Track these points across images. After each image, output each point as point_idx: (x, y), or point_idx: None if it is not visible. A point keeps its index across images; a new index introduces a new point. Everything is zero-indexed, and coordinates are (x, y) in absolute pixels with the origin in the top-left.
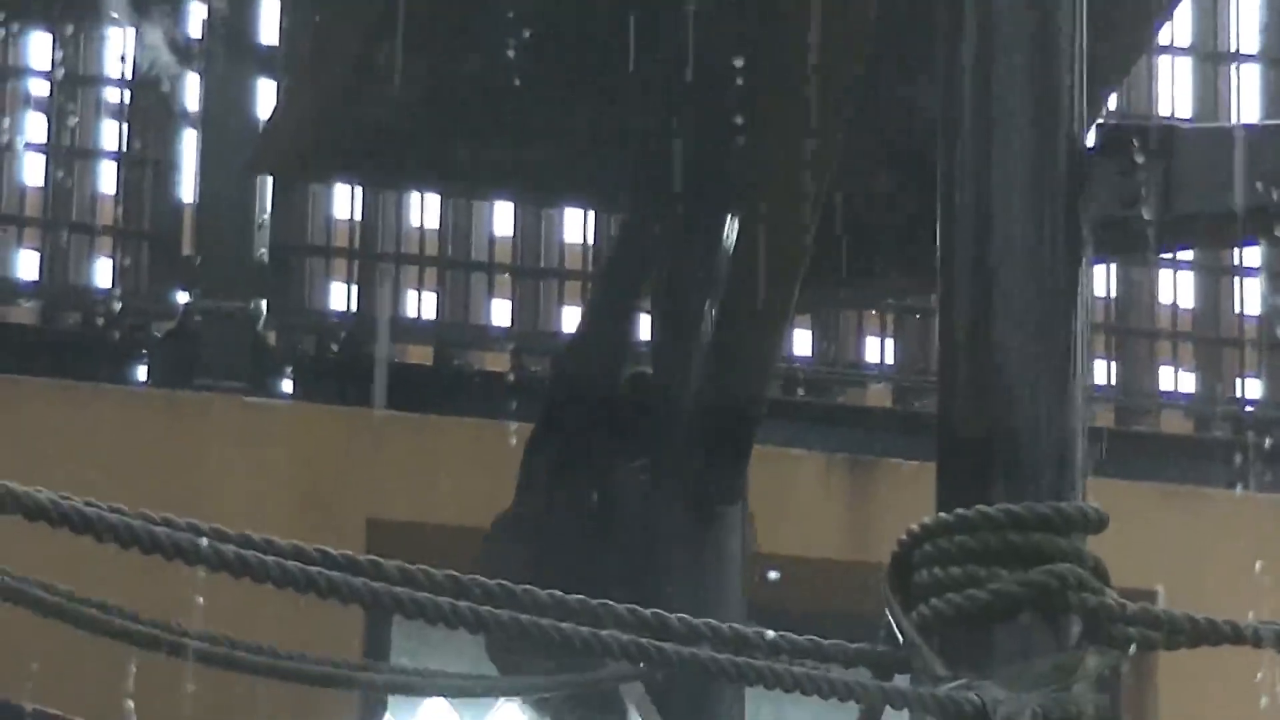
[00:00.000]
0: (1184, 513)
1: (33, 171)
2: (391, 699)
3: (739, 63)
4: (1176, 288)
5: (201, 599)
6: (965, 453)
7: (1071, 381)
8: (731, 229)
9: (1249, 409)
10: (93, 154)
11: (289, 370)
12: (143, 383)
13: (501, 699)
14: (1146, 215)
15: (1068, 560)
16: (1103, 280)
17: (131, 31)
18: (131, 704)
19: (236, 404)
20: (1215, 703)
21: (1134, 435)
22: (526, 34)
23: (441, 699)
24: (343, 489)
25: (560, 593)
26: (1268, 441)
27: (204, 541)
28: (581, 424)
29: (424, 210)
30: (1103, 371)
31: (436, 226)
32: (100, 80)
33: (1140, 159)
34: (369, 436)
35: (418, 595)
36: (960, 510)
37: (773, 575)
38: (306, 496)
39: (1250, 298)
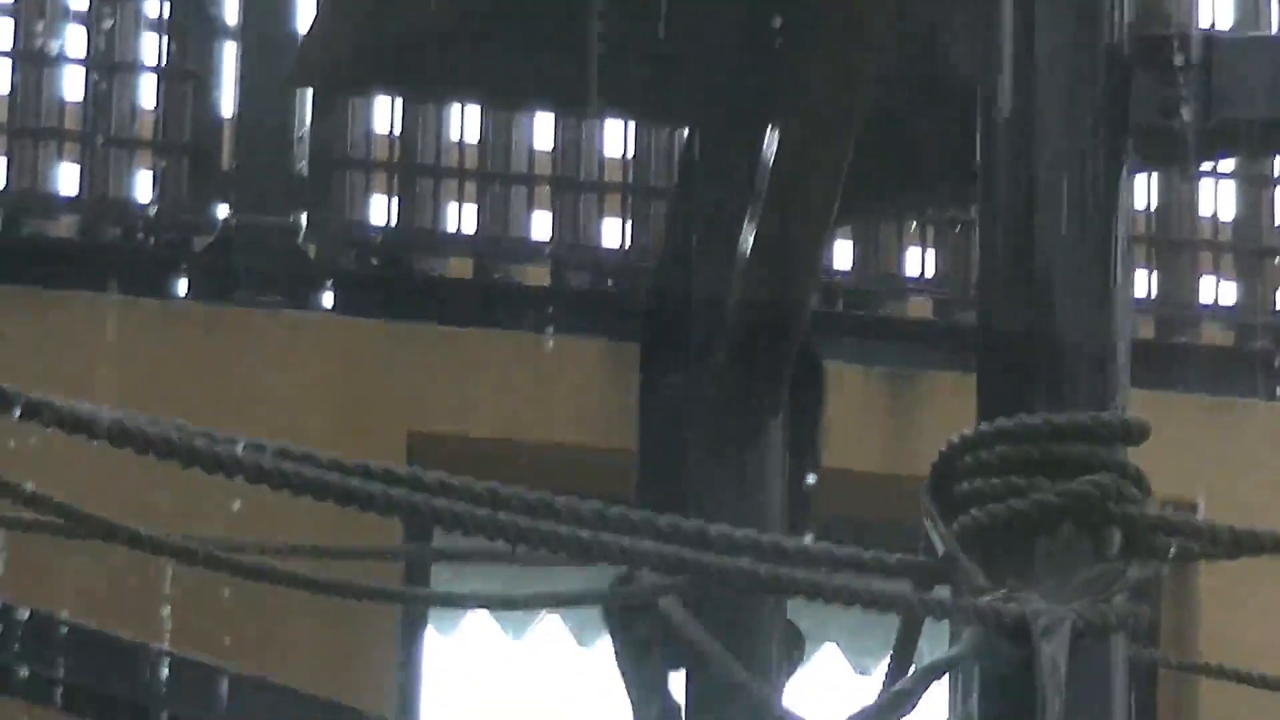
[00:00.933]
0: (1225, 424)
1: (72, 85)
2: (433, 612)
3: None
4: (1217, 198)
5: (242, 511)
6: (1006, 364)
7: (1113, 292)
8: (773, 138)
9: None
10: (132, 67)
11: (329, 284)
12: (182, 297)
13: (543, 611)
14: (1186, 124)
15: (1108, 471)
16: (1143, 191)
17: None
18: (168, 613)
19: (276, 318)
20: (1256, 614)
21: (1174, 347)
22: None
23: (484, 612)
24: (383, 402)
25: (600, 504)
26: None
27: (243, 454)
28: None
29: (464, 123)
30: (1143, 283)
31: (476, 140)
32: None
33: (1181, 68)
34: (409, 350)
35: (457, 507)
36: (1001, 421)
37: (810, 480)
38: (346, 410)
39: None
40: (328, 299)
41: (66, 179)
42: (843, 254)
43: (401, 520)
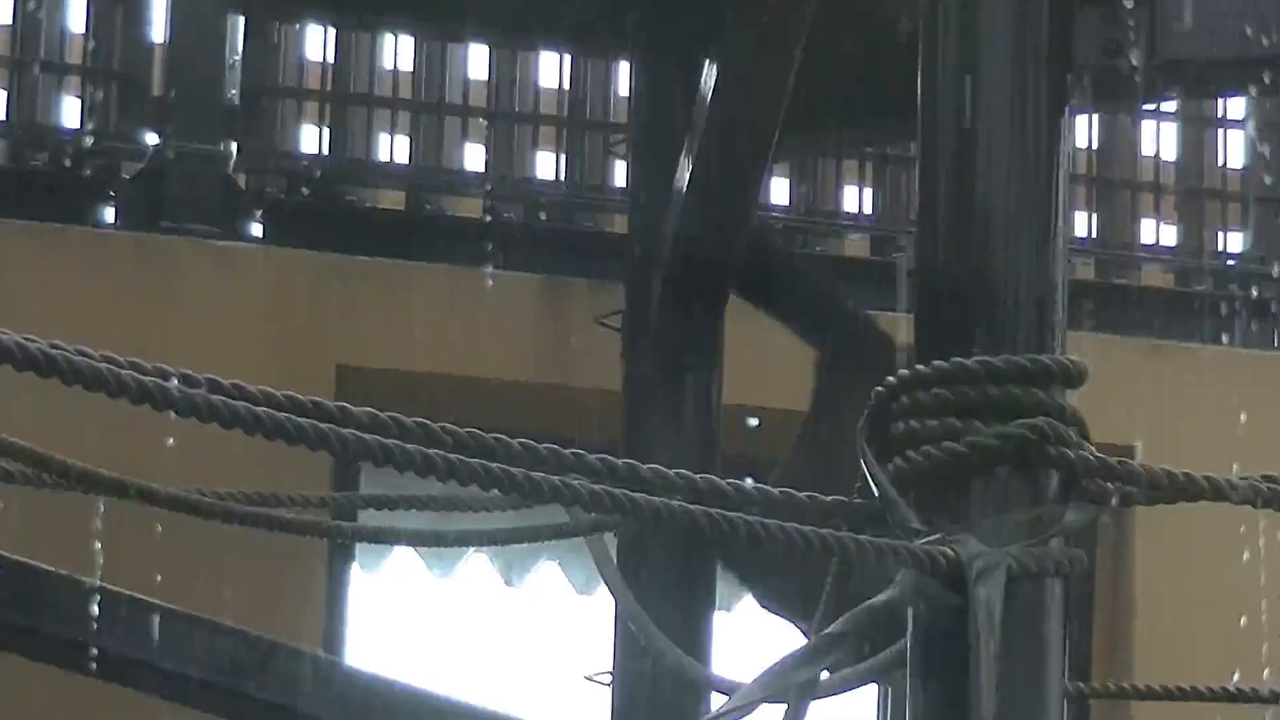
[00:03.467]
0: (1164, 368)
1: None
2: (359, 548)
3: None
4: (1159, 139)
5: (171, 443)
6: (943, 305)
7: (1052, 233)
8: (710, 73)
9: (1231, 263)
10: None
11: (259, 214)
12: (111, 224)
13: (471, 549)
14: (1130, 64)
15: (1046, 414)
16: (1084, 130)
17: None
18: (99, 548)
19: (205, 247)
20: (1192, 558)
21: (1114, 288)
22: None
23: (410, 549)
24: (313, 335)
25: (531, 442)
26: (1250, 296)
27: (172, 385)
28: None
29: (397, 52)
30: (1083, 224)
31: (410, 69)
32: None
33: (1126, 5)
34: (339, 282)
35: (387, 442)
36: (937, 362)
37: (752, 422)
38: (276, 342)
39: (1234, 149)
40: (257, 229)
41: None
42: (780, 190)
43: (330, 455)
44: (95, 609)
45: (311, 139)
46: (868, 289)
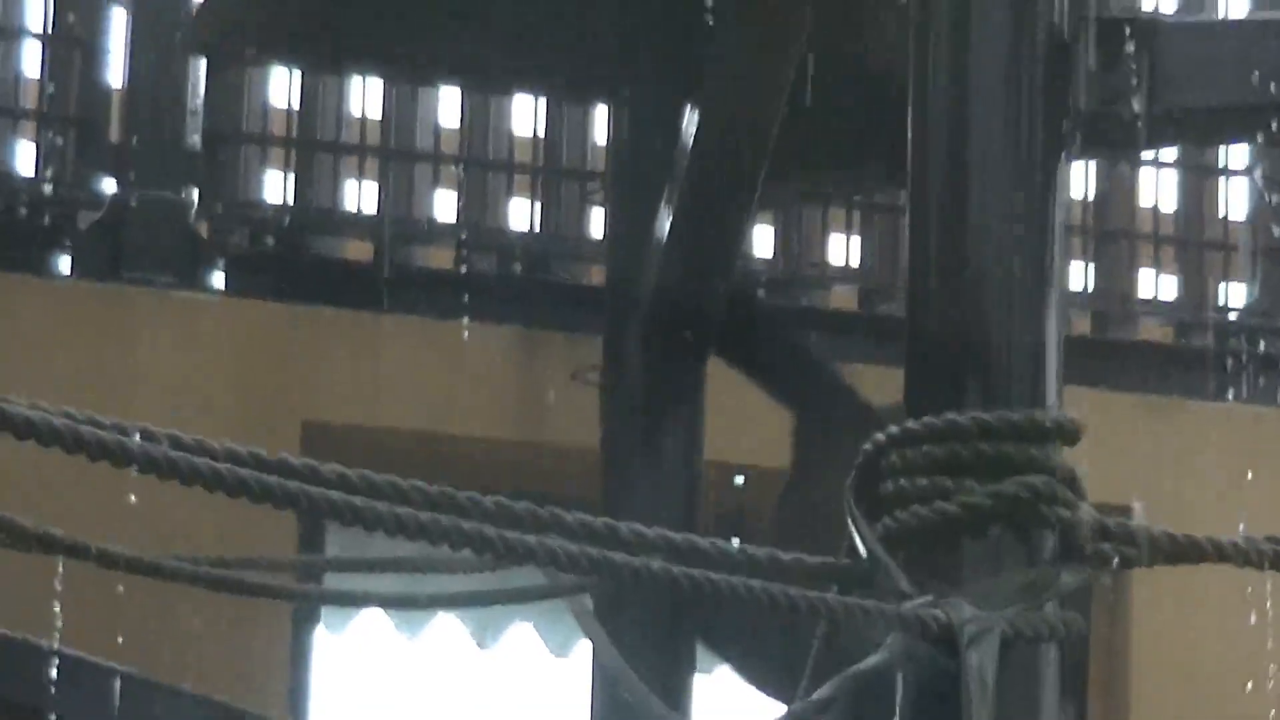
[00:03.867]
0: (1163, 425)
1: None
2: (325, 610)
3: None
4: (1159, 188)
5: (132, 501)
6: (935, 358)
7: (1048, 285)
8: (692, 119)
9: (1233, 316)
10: (16, 32)
11: (222, 263)
12: (68, 275)
13: (440, 611)
14: (1130, 111)
15: (1041, 472)
16: (1080, 179)
17: None
18: (58, 609)
19: (166, 298)
20: (1191, 622)
21: (1111, 343)
22: None
23: (378, 611)
24: (277, 390)
25: (506, 500)
26: (1252, 350)
27: (132, 441)
28: None
29: (365, 97)
30: (1079, 276)
31: (379, 115)
32: None
33: (1126, 52)
34: (305, 335)
35: (356, 500)
36: (929, 418)
37: (738, 480)
38: (239, 397)
39: (1235, 199)
40: (220, 280)
41: None
42: (764, 239)
43: (297, 515)
44: (54, 673)
45: (276, 187)
46: (855, 342)
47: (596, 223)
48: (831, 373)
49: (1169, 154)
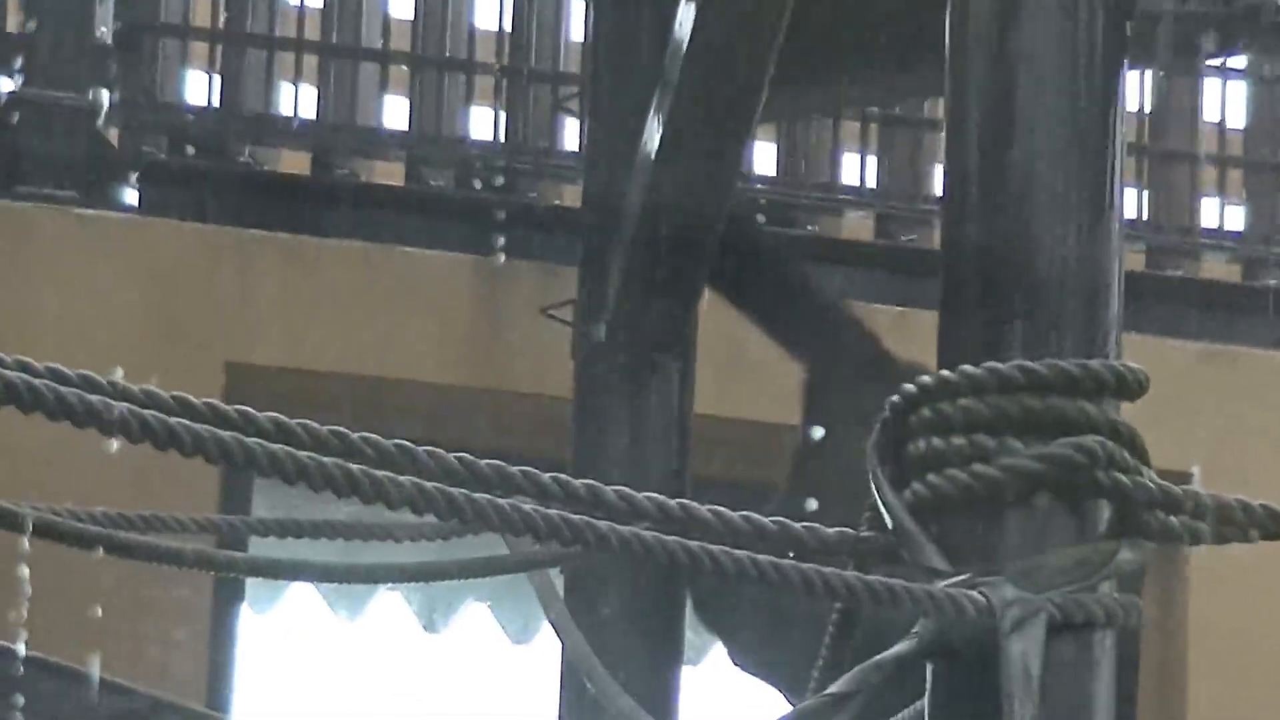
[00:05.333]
0: (1227, 377)
1: None
2: (251, 583)
3: None
4: (1225, 102)
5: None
6: (973, 298)
7: (1108, 213)
8: (686, 14)
9: None
10: None
11: (135, 177)
12: None
13: (382, 587)
14: (1201, 9)
15: (1097, 431)
16: (1134, 90)
17: None
18: None
19: (69, 217)
20: (1257, 605)
21: (1169, 281)
22: None
23: (310, 586)
24: (198, 324)
25: (471, 458)
26: None
27: (41, 383)
28: None
29: None
30: (1132, 203)
31: (319, 4)
32: None
33: None
34: (231, 261)
35: (299, 455)
36: (966, 368)
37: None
38: (154, 333)
39: None
40: (133, 196)
41: None
42: (765, 158)
43: (230, 468)
44: None
45: (200, 88)
46: (871, 277)
47: (571, 134)
48: (845, 313)
49: (1237, 61)
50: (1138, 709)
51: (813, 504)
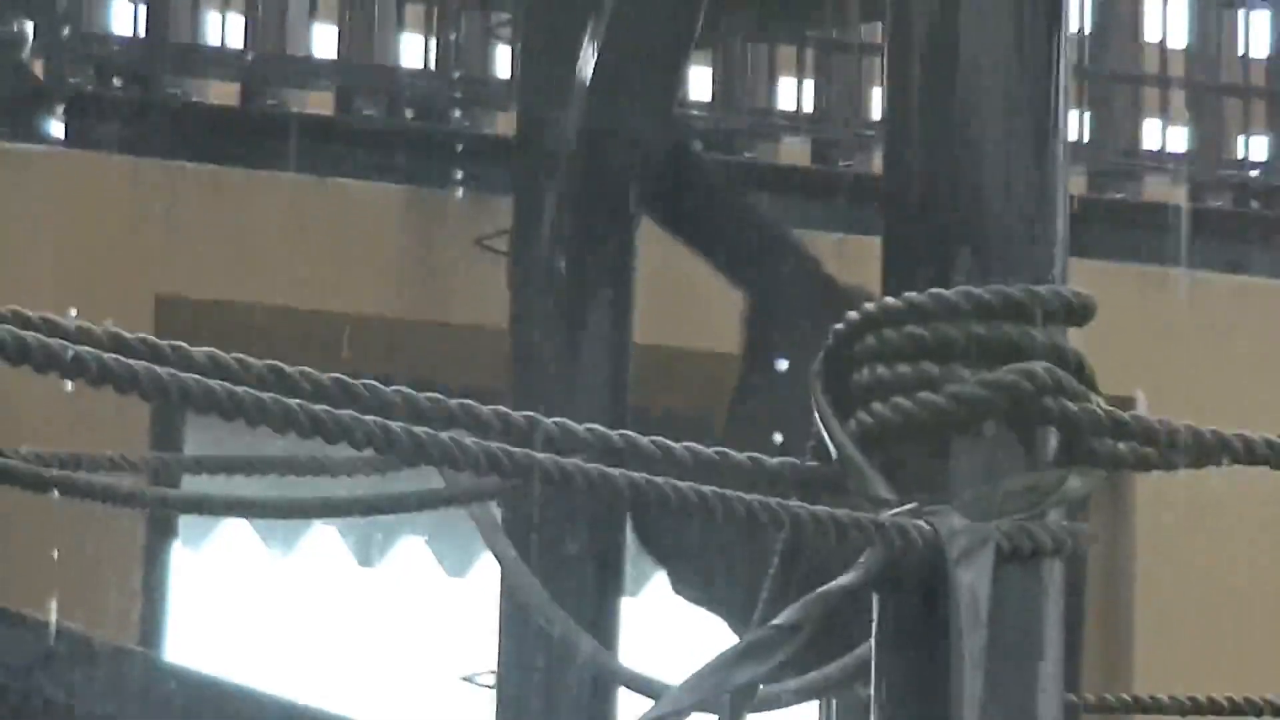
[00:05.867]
0: (1172, 302)
1: None
2: (183, 520)
3: None
4: (1166, 20)
5: None
6: (916, 222)
7: (1053, 134)
8: None
9: (1254, 174)
10: None
11: (60, 109)
12: None
13: (316, 521)
14: None
15: (1044, 358)
16: (1075, 10)
17: None
18: None
19: None
20: (1204, 531)
21: (1111, 205)
22: None
23: (243, 522)
24: (126, 258)
25: (410, 391)
26: (1276, 214)
27: None
28: None
29: None
30: (1074, 125)
31: None
32: None
33: None
34: (160, 193)
35: (236, 391)
36: (910, 294)
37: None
38: (81, 266)
39: (1259, 33)
40: (58, 128)
41: None
42: (701, 83)
43: (164, 405)
44: None
45: (125, 18)
46: (809, 204)
47: (504, 61)
48: (786, 239)
49: None
50: (1084, 634)
51: (777, 437)
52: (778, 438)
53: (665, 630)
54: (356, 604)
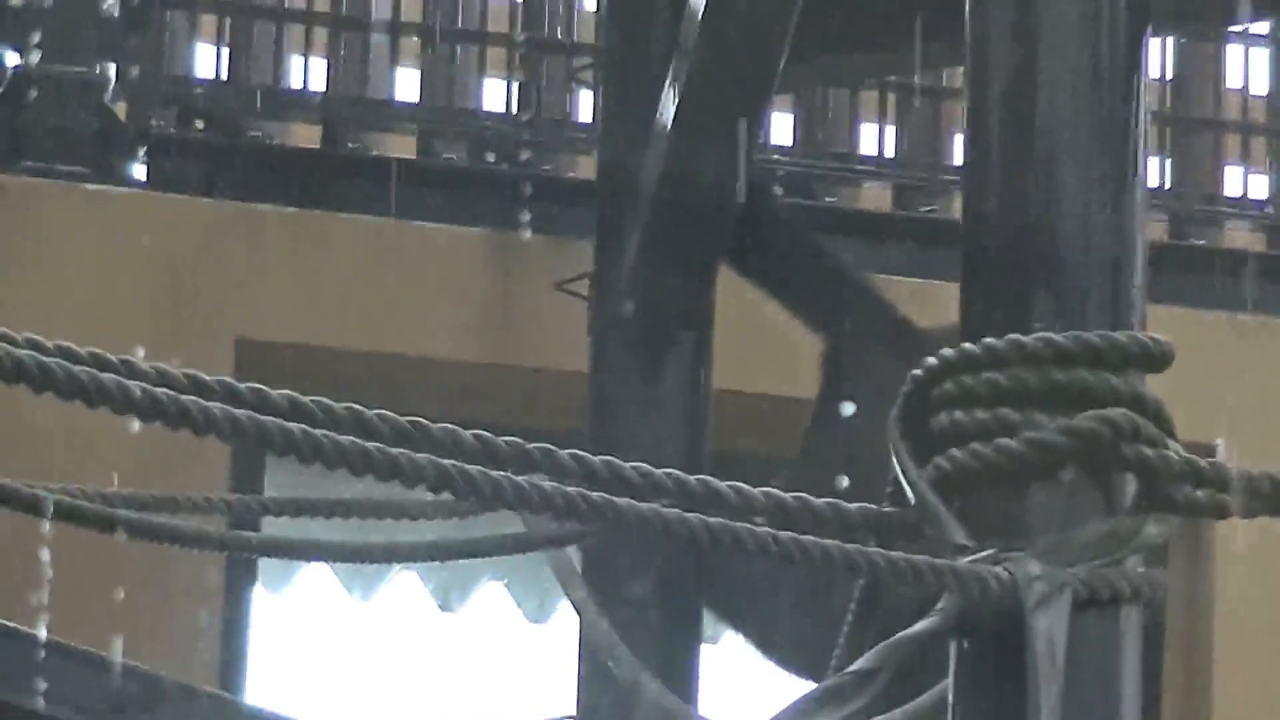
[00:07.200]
0: (1253, 348)
1: None
2: (263, 563)
3: None
4: (1248, 68)
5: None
6: (995, 269)
7: (1130, 179)
8: None
9: None
10: None
11: (143, 152)
12: None
13: (399, 566)
14: None
15: (1123, 404)
16: (1156, 56)
17: None
18: None
19: (77, 192)
20: (1276, 576)
21: (1192, 251)
22: None
23: (325, 565)
24: (207, 301)
25: (488, 435)
26: None
27: (53, 361)
28: None
29: None
30: (1154, 171)
31: None
32: None
33: None
34: (241, 236)
35: (314, 433)
36: (988, 340)
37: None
38: (162, 309)
39: None
40: (140, 171)
41: None
42: (782, 127)
43: (245, 447)
44: None
45: (208, 61)
46: (889, 249)
47: (586, 106)
48: (864, 285)
49: (1260, 27)
50: (1163, 684)
51: (843, 481)
52: (844, 481)
53: (746, 678)
54: (437, 649)
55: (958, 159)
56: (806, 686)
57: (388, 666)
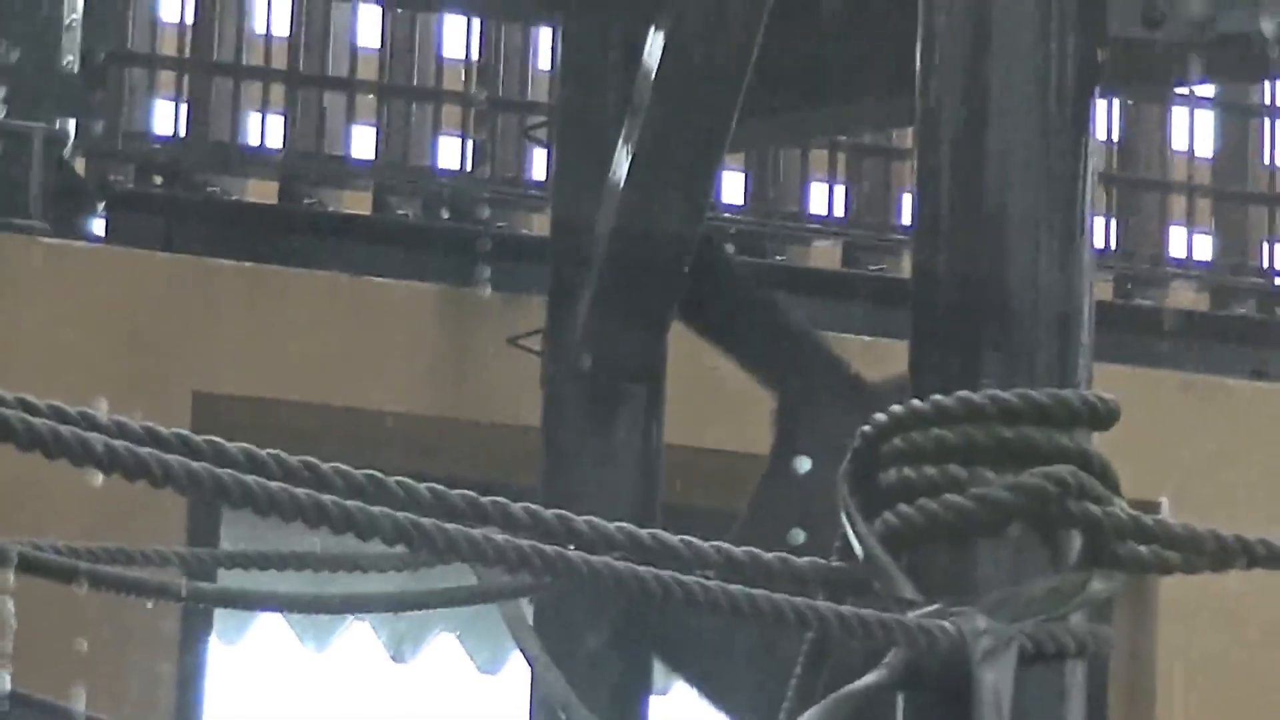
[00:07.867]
0: (1197, 408)
1: None
2: (219, 615)
3: None
4: (1193, 131)
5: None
6: (944, 326)
7: (1078, 241)
8: (654, 43)
9: (1277, 280)
10: None
11: (101, 207)
12: None
13: (351, 618)
14: (1175, 37)
15: (1069, 461)
16: (1103, 118)
17: None
18: None
19: (35, 246)
20: (1223, 634)
21: (1138, 311)
22: None
23: (279, 617)
24: (165, 354)
25: (442, 488)
26: None
27: (11, 414)
28: None
29: (271, 13)
30: (1100, 232)
31: (286, 33)
32: None
33: None
34: (198, 290)
35: (270, 486)
36: (937, 397)
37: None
38: (120, 363)
39: None
40: (100, 226)
41: None
42: (733, 186)
43: (200, 499)
44: None
45: (167, 117)
46: (839, 307)
47: (540, 164)
48: (815, 342)
49: (1205, 90)
50: None
51: (798, 536)
52: (799, 536)
53: None
54: (390, 700)
55: (907, 218)
56: None
57: (341, 717)
